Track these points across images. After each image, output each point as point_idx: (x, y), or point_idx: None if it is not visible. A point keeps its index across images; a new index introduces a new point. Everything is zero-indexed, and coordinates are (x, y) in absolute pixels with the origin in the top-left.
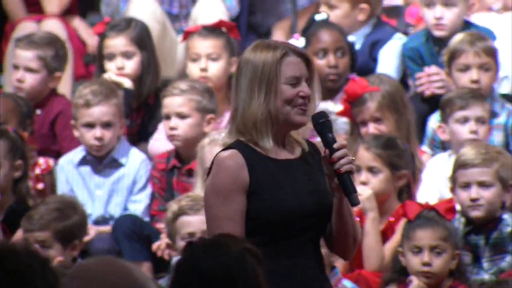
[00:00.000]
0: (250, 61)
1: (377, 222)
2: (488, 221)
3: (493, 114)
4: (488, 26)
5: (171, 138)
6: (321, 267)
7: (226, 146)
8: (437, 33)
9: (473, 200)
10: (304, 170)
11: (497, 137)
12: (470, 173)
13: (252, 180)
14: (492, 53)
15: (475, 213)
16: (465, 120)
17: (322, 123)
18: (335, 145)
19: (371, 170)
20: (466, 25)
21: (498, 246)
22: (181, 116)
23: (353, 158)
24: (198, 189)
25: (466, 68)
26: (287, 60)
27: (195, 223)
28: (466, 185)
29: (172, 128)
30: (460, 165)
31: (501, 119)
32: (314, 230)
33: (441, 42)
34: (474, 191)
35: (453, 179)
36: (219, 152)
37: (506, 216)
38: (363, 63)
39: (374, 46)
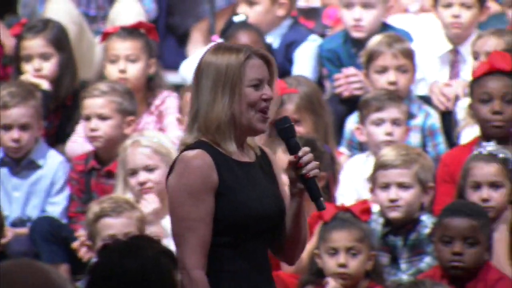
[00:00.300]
0: (213, 64)
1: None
2: (406, 222)
3: (410, 116)
4: (405, 28)
5: (91, 139)
6: (269, 267)
7: (189, 146)
8: (356, 34)
9: (392, 201)
10: (262, 174)
11: (414, 139)
12: (390, 174)
13: (220, 181)
14: (409, 55)
15: (394, 214)
16: (380, 121)
17: (286, 128)
18: (301, 151)
19: None
20: (384, 27)
21: (416, 247)
22: (102, 117)
23: (318, 162)
24: (119, 191)
25: (383, 70)
26: (251, 63)
27: (116, 225)
28: (386, 186)
29: (92, 130)
30: (380, 166)
31: (418, 121)
32: (270, 234)
33: (359, 43)
34: (393, 192)
35: (373, 179)
36: (184, 151)
37: (424, 217)
38: (279, 64)
39: (289, 47)
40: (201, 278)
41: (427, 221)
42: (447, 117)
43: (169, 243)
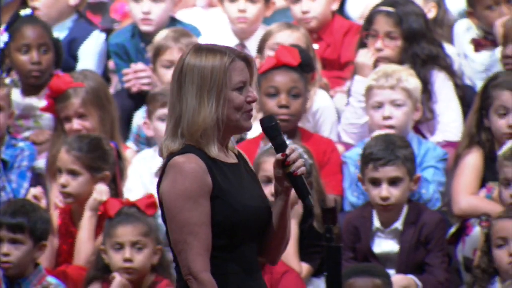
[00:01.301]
0: (196, 67)
1: (94, 220)
2: None
3: None
4: (193, 22)
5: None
6: (259, 268)
7: (177, 152)
8: (144, 28)
9: None
10: (246, 174)
11: None
12: None
13: (214, 184)
14: None
15: None
16: (165, 117)
17: (272, 126)
18: (288, 149)
19: (71, 172)
20: (172, 21)
21: None
22: None
23: (304, 160)
24: None
25: (171, 65)
26: (235, 66)
27: None
28: None
29: None
30: None
31: None
32: (259, 234)
33: (148, 38)
34: None
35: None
36: (173, 156)
37: None
38: (63, 60)
39: (73, 44)
40: (209, 280)
41: None
42: None
43: None
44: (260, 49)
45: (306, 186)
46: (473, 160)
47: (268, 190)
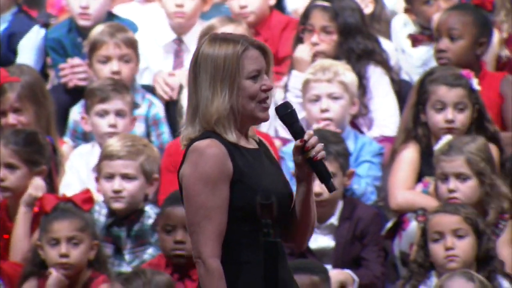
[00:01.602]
0: (210, 56)
1: (29, 216)
2: (130, 213)
3: (134, 105)
4: (130, 17)
5: None
6: (285, 253)
7: (198, 137)
8: (82, 22)
9: (116, 192)
10: (268, 160)
11: (139, 128)
12: (115, 165)
13: (235, 168)
14: (132, 44)
15: (118, 205)
16: (105, 113)
17: (289, 113)
18: (306, 134)
19: (9, 166)
20: (110, 16)
21: (140, 238)
22: None
23: (323, 144)
24: None
25: (107, 60)
26: (248, 54)
27: None
28: (110, 177)
29: None
30: (105, 156)
31: (142, 110)
32: (281, 219)
33: (85, 32)
34: (118, 183)
35: (98, 169)
36: (195, 142)
37: (148, 208)
38: (2, 54)
39: (13, 37)
40: (217, 267)
41: (151, 211)
42: (172, 106)
43: None
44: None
45: (327, 170)
46: (409, 155)
47: None
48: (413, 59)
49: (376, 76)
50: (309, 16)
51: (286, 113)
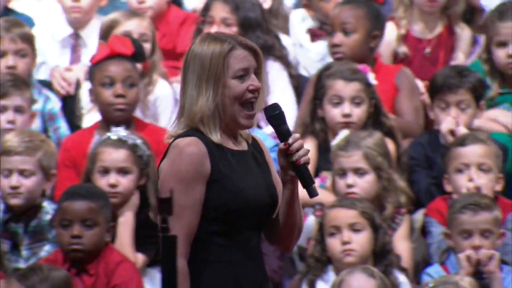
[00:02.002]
0: (198, 55)
1: None
2: (28, 209)
3: (32, 101)
4: (27, 12)
5: None
6: (262, 257)
7: (181, 134)
8: None
9: (14, 187)
10: (254, 162)
11: (35, 123)
12: (12, 161)
13: (214, 168)
14: (28, 39)
15: (15, 201)
16: (4, 109)
17: (276, 115)
18: (291, 138)
19: None
20: (6, 11)
21: (38, 234)
22: None
23: (309, 149)
24: None
25: (2, 54)
26: (234, 54)
27: None
28: (8, 172)
29: None
30: (2, 152)
31: (38, 105)
32: (261, 222)
33: None
34: (15, 179)
35: None
36: (177, 139)
37: (46, 204)
38: None
39: None
40: (182, 267)
41: (49, 207)
42: (69, 101)
43: None
44: (105, 38)
45: (309, 175)
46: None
47: (105, 181)
48: (311, 54)
49: (275, 71)
50: (209, 8)
51: (273, 114)
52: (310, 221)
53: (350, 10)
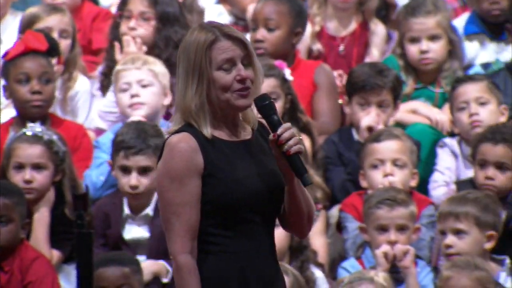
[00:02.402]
0: (185, 48)
1: None
2: None
3: None
4: None
5: None
6: (274, 249)
7: (176, 130)
8: None
9: None
10: (255, 151)
11: None
12: None
13: (207, 162)
14: None
15: None
16: None
17: (266, 105)
18: (281, 127)
19: None
20: None
21: None
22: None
23: (300, 138)
24: None
25: None
26: (217, 46)
27: None
28: None
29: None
30: None
31: None
32: (268, 212)
33: None
34: None
35: None
36: (170, 136)
37: None
38: None
39: None
40: (185, 263)
41: None
42: None
43: None
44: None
45: (301, 165)
46: None
47: (20, 176)
48: None
49: None
50: (127, 2)
51: (263, 104)
52: None
53: (273, 6)
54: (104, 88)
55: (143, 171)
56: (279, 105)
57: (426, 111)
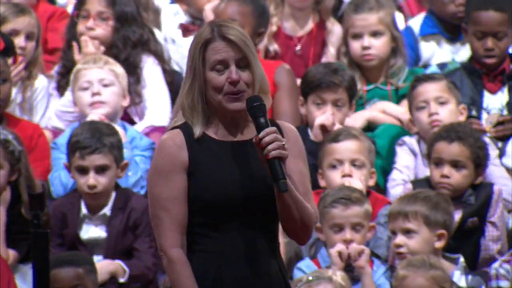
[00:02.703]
0: (191, 44)
1: None
2: None
3: None
4: None
5: None
6: (260, 252)
7: (172, 127)
8: None
9: None
10: (249, 153)
11: None
12: None
13: (191, 160)
14: None
15: None
16: None
17: (256, 107)
18: (263, 131)
19: None
20: None
21: None
22: None
23: (284, 143)
24: None
25: None
26: (211, 46)
27: None
28: None
29: None
30: None
31: None
32: (249, 215)
33: None
34: None
35: None
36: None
37: None
38: None
39: None
40: (177, 257)
41: None
42: None
43: None
44: None
45: (279, 170)
46: None
47: None
48: (183, 50)
49: (149, 66)
50: (85, 2)
51: (252, 105)
52: None
53: (236, 6)
54: (60, 88)
55: (100, 170)
56: None
57: (393, 111)
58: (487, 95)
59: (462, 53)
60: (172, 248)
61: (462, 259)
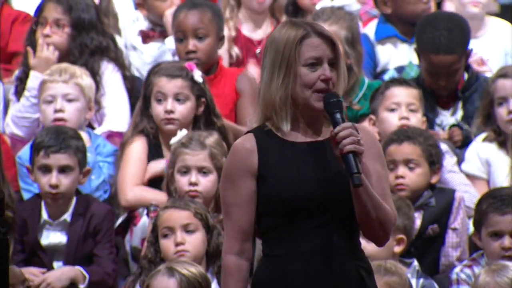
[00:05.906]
0: (274, 41)
1: None
2: None
3: None
4: None
5: None
6: (337, 251)
7: (249, 130)
8: None
9: None
10: (324, 152)
11: None
12: None
13: (261, 164)
14: None
15: None
16: None
17: (332, 103)
18: (339, 126)
19: None
20: None
21: None
22: None
23: (359, 138)
24: None
25: None
26: (307, 42)
27: None
28: None
29: None
30: None
31: None
32: (326, 215)
33: None
34: None
35: None
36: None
37: None
38: None
39: None
40: (229, 264)
41: None
42: None
43: None
44: None
45: (353, 164)
46: (136, 150)
47: None
48: (144, 56)
49: (109, 73)
50: (43, 9)
51: (329, 101)
52: (144, 221)
53: (198, 15)
54: (19, 93)
55: (63, 170)
56: (187, 107)
57: None
58: (441, 112)
59: None
60: (227, 254)
61: (416, 263)
